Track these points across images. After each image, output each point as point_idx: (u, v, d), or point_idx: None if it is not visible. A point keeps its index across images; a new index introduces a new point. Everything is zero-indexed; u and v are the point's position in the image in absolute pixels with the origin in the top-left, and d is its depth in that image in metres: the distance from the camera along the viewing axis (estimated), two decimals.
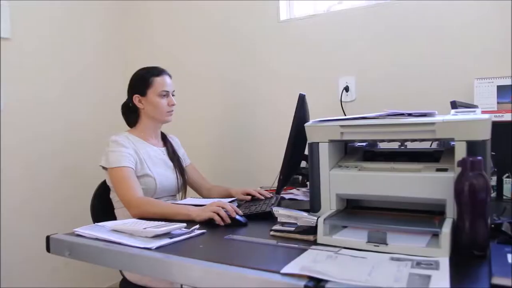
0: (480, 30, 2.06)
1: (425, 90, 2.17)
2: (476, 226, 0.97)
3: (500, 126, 1.86)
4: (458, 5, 2.10)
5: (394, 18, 2.25)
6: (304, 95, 1.54)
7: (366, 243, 1.03)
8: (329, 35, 2.42)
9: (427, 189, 1.08)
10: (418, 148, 1.30)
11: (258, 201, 1.68)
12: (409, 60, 2.22)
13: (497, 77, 1.96)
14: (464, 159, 0.98)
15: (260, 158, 2.62)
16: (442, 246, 0.95)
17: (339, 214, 1.20)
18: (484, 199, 0.96)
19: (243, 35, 2.67)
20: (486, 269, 0.88)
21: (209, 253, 1.08)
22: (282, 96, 2.50)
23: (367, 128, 1.15)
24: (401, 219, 1.14)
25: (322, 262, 0.94)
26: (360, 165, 1.22)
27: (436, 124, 1.06)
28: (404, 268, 0.88)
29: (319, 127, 1.22)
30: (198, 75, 2.82)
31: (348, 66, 2.37)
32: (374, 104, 2.24)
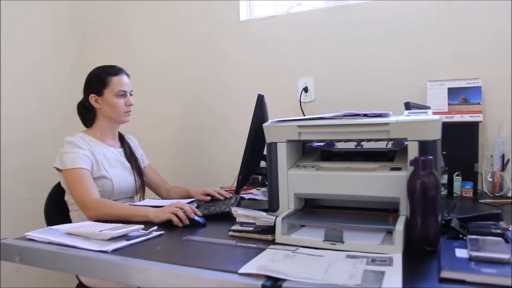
0: (433, 35, 2.13)
1: (381, 91, 2.22)
2: (427, 222, 1.00)
3: (451, 127, 1.94)
4: (413, 10, 2.17)
5: (351, 21, 2.30)
6: (263, 95, 1.54)
7: (323, 241, 1.05)
8: (288, 36, 2.44)
9: (381, 188, 1.11)
10: (373, 148, 1.33)
11: (217, 202, 1.68)
12: (365, 62, 2.27)
13: (448, 80, 2.03)
14: (416, 159, 1.01)
15: (221, 158, 2.61)
16: (396, 243, 0.98)
17: (297, 213, 1.21)
18: (434, 196, 0.99)
19: (203, 34, 2.65)
20: (436, 263, 0.91)
21: (167, 255, 1.07)
22: (242, 96, 2.50)
23: (324, 129, 1.17)
24: (357, 218, 1.17)
25: (280, 261, 0.94)
26: (317, 164, 1.24)
27: (390, 125, 1.09)
28: (359, 265, 0.90)
29: (277, 127, 1.24)
30: (158, 74, 2.78)
31: (307, 67, 2.40)
32: (332, 104, 2.28)
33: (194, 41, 2.68)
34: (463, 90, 1.99)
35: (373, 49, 2.25)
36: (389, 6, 2.22)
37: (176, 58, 2.74)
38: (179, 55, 2.73)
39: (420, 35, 2.16)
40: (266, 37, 2.49)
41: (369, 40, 2.26)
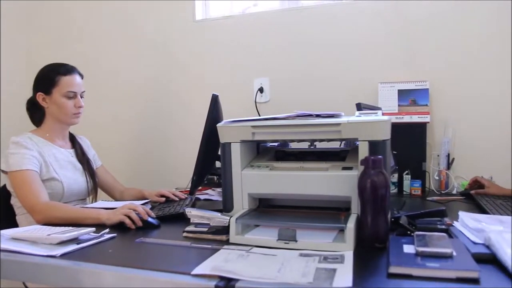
0: (384, 38, 2.20)
1: (335, 92, 2.27)
2: (377, 220, 1.03)
3: (401, 127, 2.01)
4: (366, 13, 2.23)
5: (306, 22, 2.33)
6: (217, 95, 1.54)
7: (277, 240, 1.05)
8: (244, 36, 2.45)
9: (333, 187, 1.13)
10: (326, 148, 1.35)
11: (172, 203, 1.66)
12: (320, 63, 2.31)
13: (398, 82, 2.10)
14: (366, 158, 1.04)
15: (176, 159, 2.58)
16: (347, 241, 1.01)
17: (251, 213, 1.22)
18: (384, 195, 1.02)
19: (158, 34, 2.61)
20: (385, 259, 0.94)
21: (119, 258, 1.04)
22: (197, 97, 2.49)
23: (278, 129, 1.18)
24: (311, 217, 1.19)
25: (233, 261, 0.94)
26: (271, 164, 1.25)
27: (341, 125, 1.12)
28: (312, 263, 0.91)
29: (231, 127, 1.24)
30: (112, 74, 2.72)
31: (263, 68, 2.42)
32: (287, 105, 2.30)
33: (148, 41, 2.64)
34: (412, 92, 2.07)
35: (327, 51, 2.30)
36: (342, 9, 2.27)
37: (130, 59, 2.68)
38: (132, 56, 2.68)
39: (372, 38, 2.22)
40: (222, 37, 2.49)
41: (323, 42, 2.30)
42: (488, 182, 1.81)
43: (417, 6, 2.14)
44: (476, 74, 2.08)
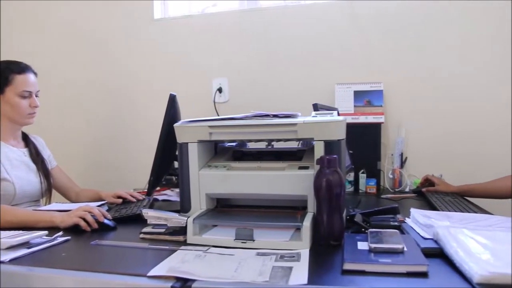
0: (341, 40, 2.25)
1: (293, 93, 2.30)
2: (333, 218, 1.05)
3: (357, 127, 2.06)
4: (322, 16, 2.27)
5: (265, 23, 2.35)
6: (175, 95, 1.53)
7: (234, 240, 1.06)
8: (203, 36, 2.44)
9: (290, 186, 1.14)
10: (283, 148, 1.37)
11: (129, 204, 1.63)
12: (278, 64, 2.33)
13: (354, 83, 2.15)
14: (321, 157, 1.06)
15: (134, 159, 2.54)
16: (303, 239, 1.02)
17: (209, 213, 1.21)
18: (339, 193, 1.05)
19: (115, 33, 2.57)
20: (340, 256, 0.96)
21: (72, 261, 1.01)
22: (155, 97, 2.46)
23: (235, 129, 1.19)
24: (268, 216, 1.20)
25: (190, 262, 0.94)
26: (228, 164, 1.25)
27: (297, 125, 1.13)
28: (268, 262, 0.92)
29: (188, 127, 1.23)
30: (67, 75, 2.65)
31: (222, 68, 2.42)
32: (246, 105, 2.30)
33: (104, 40, 2.59)
34: (367, 93, 2.13)
35: (285, 52, 2.32)
36: (301, 10, 2.31)
37: (86, 57, 2.62)
38: (89, 54, 2.62)
39: (329, 40, 2.27)
40: (181, 36, 2.47)
41: (282, 43, 2.33)
42: (438, 180, 1.88)
43: (372, 9, 2.21)
44: (428, 76, 2.17)
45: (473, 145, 2.13)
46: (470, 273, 0.78)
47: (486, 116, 2.11)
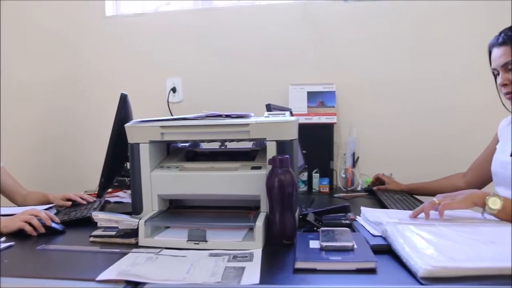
0: (295, 41, 2.28)
1: (249, 93, 2.31)
2: (285, 218, 1.06)
3: (310, 128, 2.09)
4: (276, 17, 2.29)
5: (219, 23, 2.35)
6: (126, 95, 1.50)
7: (187, 241, 1.05)
8: (157, 35, 2.40)
9: (242, 186, 1.14)
10: (236, 148, 1.37)
11: (79, 207, 1.58)
12: (233, 64, 2.34)
13: (307, 84, 2.18)
14: (273, 157, 1.07)
15: (85, 160, 2.47)
16: (256, 239, 1.03)
17: (161, 215, 1.20)
18: (291, 193, 1.06)
19: (66, 29, 2.48)
20: (292, 255, 0.96)
21: (16, 268, 0.97)
22: (106, 96, 2.39)
23: (187, 129, 1.17)
24: (221, 216, 1.19)
25: (141, 264, 0.92)
26: (181, 165, 1.23)
27: (250, 125, 1.13)
28: (221, 263, 0.92)
29: (139, 127, 1.20)
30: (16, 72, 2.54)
31: (175, 67, 2.39)
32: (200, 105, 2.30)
33: (56, 36, 2.50)
34: (320, 94, 2.16)
35: (239, 52, 2.33)
36: (255, 10, 2.32)
37: (36, 53, 2.52)
38: (39, 50, 2.52)
39: (284, 41, 2.29)
40: (133, 35, 2.43)
41: (236, 43, 2.33)
42: (388, 178, 1.94)
43: (326, 10, 2.25)
44: (379, 78, 2.23)
45: (421, 145, 2.22)
46: (415, 267, 0.81)
47: (434, 118, 2.21)
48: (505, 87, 1.37)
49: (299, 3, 2.27)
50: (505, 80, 1.36)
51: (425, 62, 2.20)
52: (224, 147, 1.37)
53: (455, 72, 2.18)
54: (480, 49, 1.58)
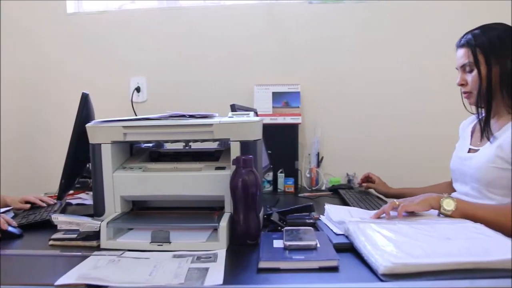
0: (260, 42, 2.29)
1: (214, 93, 2.30)
2: (249, 218, 1.07)
3: (275, 128, 2.11)
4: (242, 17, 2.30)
5: (185, 22, 2.33)
6: (87, 94, 1.46)
7: (150, 243, 1.04)
8: (120, 34, 2.36)
9: (206, 187, 1.14)
10: (201, 148, 1.36)
11: (38, 209, 1.53)
12: (198, 64, 2.32)
13: (272, 85, 2.20)
14: (237, 158, 1.07)
15: (46, 162, 2.40)
16: (220, 239, 1.03)
17: (124, 216, 1.18)
18: (254, 193, 1.06)
19: (27, 26, 2.40)
20: (256, 255, 0.97)
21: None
22: (67, 95, 2.32)
23: (150, 129, 1.16)
24: (185, 217, 1.19)
25: (103, 267, 0.91)
26: (144, 166, 1.22)
27: (213, 126, 1.13)
28: (185, 264, 0.91)
29: (100, 127, 1.18)
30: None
31: (140, 67, 2.36)
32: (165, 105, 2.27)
33: (16, 33, 2.41)
34: (285, 94, 2.18)
35: (205, 52, 2.32)
36: (220, 11, 2.32)
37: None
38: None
39: (249, 41, 2.29)
40: (96, 33, 2.38)
41: (201, 43, 2.32)
42: (378, 179, 1.89)
43: (291, 11, 2.27)
44: (343, 79, 2.27)
45: (383, 146, 2.27)
46: (376, 265, 0.83)
47: (396, 120, 2.26)
48: (463, 87, 1.44)
49: (264, 3, 2.28)
50: (462, 80, 1.43)
51: (388, 64, 2.26)
52: (188, 148, 1.36)
53: (419, 75, 2.25)
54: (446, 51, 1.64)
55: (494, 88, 1.36)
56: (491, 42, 1.34)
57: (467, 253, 0.85)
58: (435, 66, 2.16)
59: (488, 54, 1.34)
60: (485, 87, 1.36)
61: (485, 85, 1.36)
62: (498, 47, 1.33)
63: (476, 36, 1.37)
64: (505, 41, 1.34)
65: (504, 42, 1.33)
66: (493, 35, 1.35)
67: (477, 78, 1.37)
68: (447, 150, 1.60)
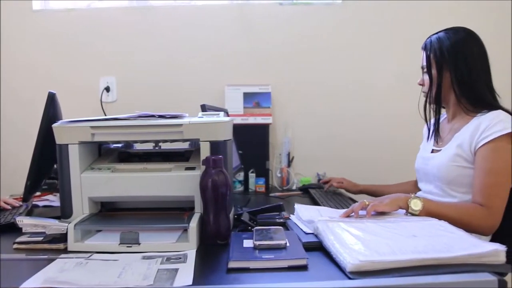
0: (231, 42, 2.29)
1: (185, 94, 2.29)
2: (219, 218, 1.07)
3: (246, 128, 2.11)
4: (213, 17, 2.29)
5: (155, 22, 2.31)
6: (54, 93, 1.43)
7: (119, 245, 1.02)
8: (89, 32, 2.32)
9: (176, 187, 1.13)
10: (171, 148, 1.35)
11: (3, 212, 1.49)
12: (169, 64, 2.31)
13: (243, 85, 2.20)
14: (207, 158, 1.07)
15: (12, 162, 2.33)
16: (190, 240, 1.02)
17: (92, 218, 1.16)
18: (224, 193, 1.06)
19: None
20: (226, 255, 0.97)
21: None
22: (34, 95, 2.26)
23: (118, 129, 1.14)
24: (155, 218, 1.18)
25: (70, 270, 0.89)
26: (113, 166, 1.20)
27: (183, 126, 1.13)
28: (154, 265, 0.91)
29: (67, 128, 1.16)
30: None
31: (109, 66, 2.32)
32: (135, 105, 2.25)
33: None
34: (256, 94, 2.19)
35: (175, 52, 2.30)
36: (191, 11, 2.30)
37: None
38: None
39: (220, 41, 2.29)
40: (64, 31, 2.33)
41: (172, 42, 2.30)
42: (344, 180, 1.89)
43: (261, 12, 2.28)
44: (313, 79, 2.29)
45: (353, 146, 2.31)
46: (344, 263, 0.84)
47: (365, 120, 2.31)
48: (422, 86, 1.51)
49: (235, 4, 2.28)
50: (421, 80, 1.51)
51: (359, 65, 2.30)
52: (158, 148, 1.35)
53: (388, 76, 2.30)
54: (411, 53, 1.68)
55: (448, 92, 1.42)
56: (443, 49, 1.41)
57: (431, 250, 0.88)
58: (403, 67, 2.21)
59: (439, 60, 1.41)
60: (434, 90, 1.42)
61: (435, 89, 1.42)
62: (451, 53, 1.39)
63: (433, 41, 1.44)
64: (458, 48, 1.39)
65: (457, 49, 1.39)
66: (448, 41, 1.41)
67: (429, 80, 1.44)
68: (413, 150, 1.64)
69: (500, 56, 2.23)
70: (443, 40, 1.41)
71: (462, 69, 1.38)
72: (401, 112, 2.26)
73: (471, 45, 1.40)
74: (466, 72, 1.38)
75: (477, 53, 1.39)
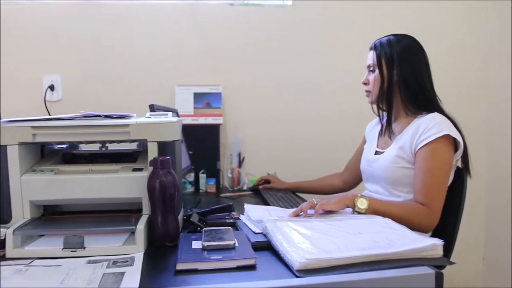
0: (181, 41, 2.26)
1: (134, 93, 2.24)
2: (167, 219, 1.05)
3: (197, 129, 2.10)
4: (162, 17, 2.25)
5: (104, 19, 2.25)
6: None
7: (63, 249, 0.99)
8: (34, 28, 2.22)
9: (123, 189, 1.11)
10: (118, 149, 1.32)
11: None
12: (117, 63, 2.25)
13: (194, 85, 2.18)
14: (155, 159, 1.05)
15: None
16: (138, 242, 1.00)
17: (34, 222, 1.11)
18: (173, 194, 1.05)
19: None
20: (175, 257, 0.96)
21: None
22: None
23: (61, 130, 1.10)
24: (101, 221, 1.14)
25: (8, 278, 0.85)
26: (56, 168, 1.16)
27: (130, 126, 1.10)
28: (99, 269, 0.88)
29: (6, 128, 1.10)
30: None
31: (54, 64, 2.23)
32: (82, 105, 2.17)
33: None
34: (207, 95, 2.18)
35: (125, 51, 2.25)
36: (142, 9, 2.25)
37: None
38: None
39: (170, 41, 2.26)
40: (5, 25, 2.20)
41: (121, 41, 2.25)
42: (273, 177, 2.03)
43: (212, 12, 2.27)
44: (264, 80, 2.31)
45: (302, 146, 2.36)
46: (292, 261, 0.86)
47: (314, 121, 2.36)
48: (365, 85, 1.58)
49: (186, 3, 2.26)
50: (365, 79, 1.57)
51: (306, 66, 2.34)
52: (105, 149, 1.32)
53: (336, 77, 2.36)
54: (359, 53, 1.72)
55: (393, 91, 1.48)
56: (392, 50, 1.48)
57: (375, 246, 0.91)
58: (350, 68, 2.26)
59: (389, 61, 1.47)
60: (386, 88, 1.47)
61: (386, 87, 1.47)
62: (400, 55, 1.47)
63: (384, 43, 1.49)
64: (407, 51, 1.47)
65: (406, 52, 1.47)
66: (397, 44, 1.48)
67: (376, 79, 1.50)
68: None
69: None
70: (392, 43, 1.48)
71: (409, 70, 1.45)
72: (350, 111, 2.33)
73: (418, 51, 1.48)
74: (412, 74, 1.45)
75: (423, 60, 1.49)
